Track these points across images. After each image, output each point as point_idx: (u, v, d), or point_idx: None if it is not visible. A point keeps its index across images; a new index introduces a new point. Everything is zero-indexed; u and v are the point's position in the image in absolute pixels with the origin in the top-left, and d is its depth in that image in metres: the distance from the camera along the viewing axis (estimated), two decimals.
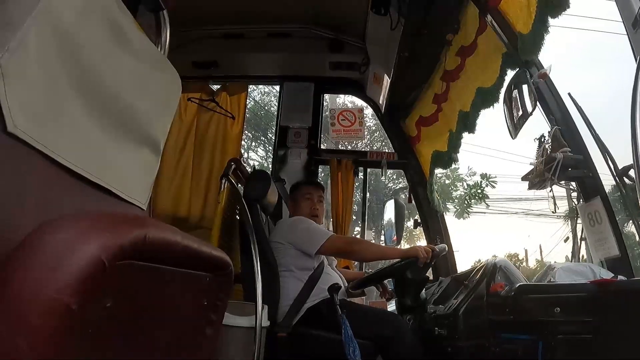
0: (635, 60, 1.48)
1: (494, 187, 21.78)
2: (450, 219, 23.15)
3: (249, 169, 4.15)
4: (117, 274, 0.91)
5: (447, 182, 23.28)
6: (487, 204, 22.46)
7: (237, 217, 4.06)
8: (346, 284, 4.12)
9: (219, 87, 6.00)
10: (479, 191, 22.13)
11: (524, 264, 34.38)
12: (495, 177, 21.66)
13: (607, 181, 3.15)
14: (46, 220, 0.91)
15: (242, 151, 21.73)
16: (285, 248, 3.83)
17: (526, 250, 34.81)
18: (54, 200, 1.13)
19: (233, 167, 4.04)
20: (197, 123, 5.74)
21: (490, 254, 38.39)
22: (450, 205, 23.46)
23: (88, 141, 1.23)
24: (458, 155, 4.85)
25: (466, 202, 22.51)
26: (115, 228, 0.94)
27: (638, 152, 1.41)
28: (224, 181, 3.92)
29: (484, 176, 22.11)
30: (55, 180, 1.13)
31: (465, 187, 23.11)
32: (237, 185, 4.04)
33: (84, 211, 1.19)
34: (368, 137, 21.91)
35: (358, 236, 9.52)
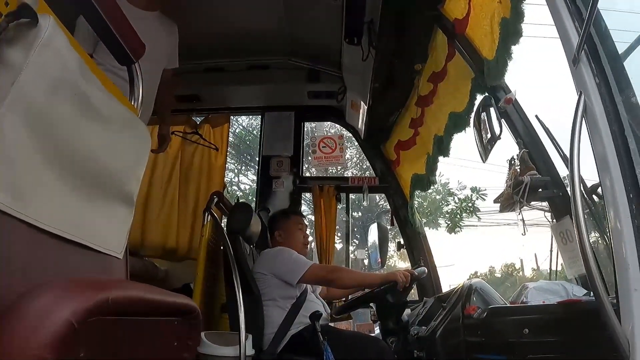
0: (577, 94, 1.59)
1: (484, 199, 21.80)
2: (442, 233, 23.25)
3: (239, 193, 4.26)
4: (87, 330, 1.05)
5: (437, 197, 23.29)
6: (478, 216, 22.43)
7: (222, 248, 4.15)
8: (328, 310, 4.22)
9: (201, 119, 6.12)
10: (470, 204, 22.21)
11: (520, 273, 34.42)
12: (486, 189, 21.69)
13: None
14: (28, 289, 1.06)
15: (233, 175, 21.85)
16: (268, 278, 3.92)
17: (521, 260, 34.86)
18: (38, 262, 1.27)
19: (216, 200, 4.13)
20: (182, 155, 5.84)
21: (487, 266, 38.36)
22: (441, 220, 23.53)
23: (65, 204, 1.35)
24: (436, 177, 4.94)
25: (458, 216, 22.55)
26: (83, 293, 1.07)
27: (575, 182, 1.51)
28: (207, 215, 4.02)
29: (474, 189, 22.20)
30: (38, 244, 1.27)
31: (456, 201, 23.11)
32: (221, 218, 4.14)
33: (65, 268, 1.34)
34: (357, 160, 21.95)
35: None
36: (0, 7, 1.20)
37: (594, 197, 2.95)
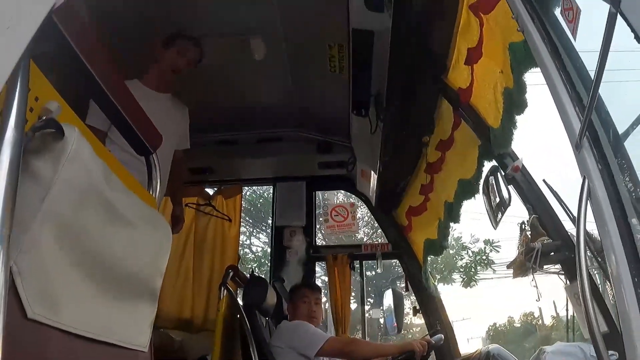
0: (581, 178, 1.64)
1: (498, 251, 21.69)
2: (458, 288, 23.02)
3: (251, 256, 4.30)
4: None
5: (451, 252, 23.14)
6: (493, 269, 22.25)
7: (238, 320, 4.17)
8: None
9: (214, 190, 6.19)
10: (484, 257, 22.07)
11: (540, 322, 33.85)
12: (499, 241, 21.59)
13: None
14: None
15: (245, 238, 21.83)
16: (286, 352, 3.94)
17: (540, 309, 34.32)
18: None
19: (231, 274, 4.18)
20: (196, 227, 5.89)
21: (505, 316, 37.72)
22: (456, 275, 23.34)
23: (94, 308, 1.42)
24: (448, 241, 4.96)
25: (472, 270, 22.38)
26: None
27: (582, 266, 1.55)
28: (222, 289, 4.05)
29: (487, 242, 22.09)
30: (71, 347, 1.33)
31: (470, 254, 22.96)
32: (236, 291, 4.17)
33: None
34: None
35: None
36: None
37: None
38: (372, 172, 5.25)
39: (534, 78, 2.99)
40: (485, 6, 3.08)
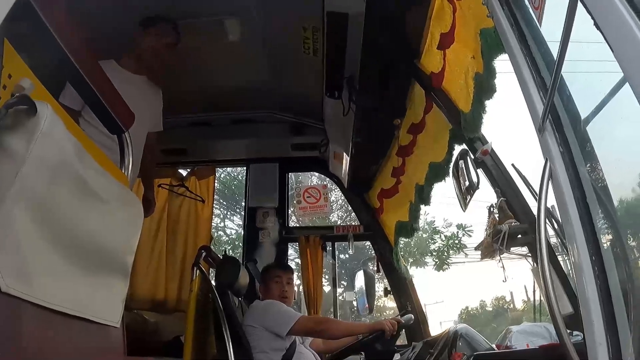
0: (543, 160, 1.69)
1: (470, 236, 21.94)
2: (430, 271, 23.27)
3: (225, 238, 4.31)
4: None
5: (424, 236, 23.34)
6: (465, 253, 22.50)
7: (211, 301, 4.19)
8: None
9: (187, 171, 6.19)
10: (456, 242, 22.31)
11: (512, 305, 34.39)
12: (471, 226, 21.83)
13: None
14: None
15: (219, 221, 21.78)
16: (258, 331, 3.98)
17: (511, 293, 34.83)
18: (45, 337, 1.35)
19: (204, 254, 4.19)
20: (169, 209, 5.88)
21: (477, 300, 38.28)
22: (429, 259, 23.57)
23: (67, 283, 1.44)
24: (422, 216, 5.03)
25: (445, 254, 22.62)
26: None
27: (542, 245, 1.60)
28: (195, 269, 4.07)
29: (460, 226, 22.34)
30: (44, 321, 1.35)
31: (443, 239, 23.18)
32: (209, 271, 4.19)
33: (70, 341, 1.44)
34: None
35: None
36: None
37: None
38: (345, 154, 5.28)
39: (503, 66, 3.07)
40: None
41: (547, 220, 1.79)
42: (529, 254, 3.47)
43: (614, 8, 1.14)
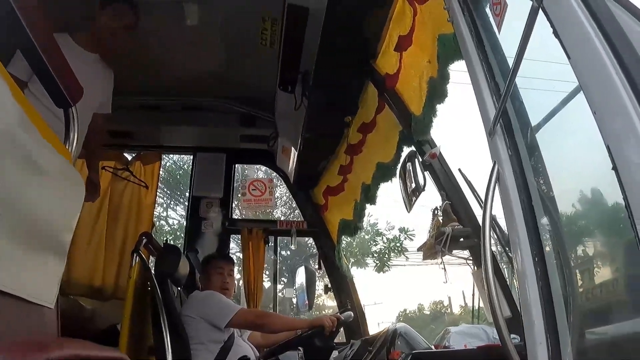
0: (492, 163, 1.72)
1: (412, 239, 22.17)
2: (371, 272, 23.48)
3: (167, 228, 4.25)
4: None
5: (366, 237, 23.50)
6: (406, 256, 22.76)
7: (150, 289, 4.12)
8: (257, 354, 4.26)
9: (133, 156, 6.07)
10: (398, 245, 22.54)
11: (449, 310, 34.97)
12: (414, 230, 22.06)
13: None
14: None
15: (162, 210, 21.50)
16: (197, 322, 3.93)
17: (449, 298, 35.42)
18: None
19: (144, 241, 4.12)
20: (111, 192, 5.75)
21: (416, 303, 38.84)
22: (370, 260, 23.75)
23: (2, 258, 1.37)
24: (365, 218, 5.06)
25: (386, 256, 22.82)
26: (25, 356, 1.11)
27: (486, 245, 1.63)
28: (135, 256, 4.00)
29: (402, 230, 22.56)
30: None
31: (385, 241, 23.38)
32: (149, 259, 4.13)
33: (1, 319, 1.37)
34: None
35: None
36: None
37: None
38: (293, 149, 5.26)
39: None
40: None
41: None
42: (470, 258, 3.54)
43: (575, 16, 1.16)
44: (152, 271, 4.01)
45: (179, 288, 4.41)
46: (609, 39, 1.09)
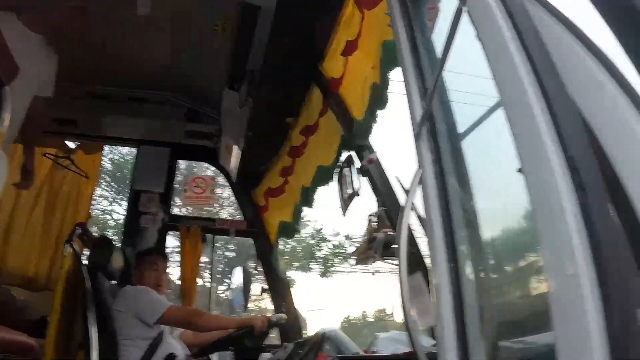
0: (417, 165, 1.73)
1: (356, 247, 22.32)
2: (315, 277, 23.58)
3: (112, 223, 4.19)
4: None
5: (311, 242, 23.58)
6: (350, 263, 22.94)
7: (81, 280, 4.05)
8: (188, 352, 4.21)
9: (76, 145, 5.95)
10: (343, 251, 22.70)
11: (391, 318, 35.25)
12: (359, 237, 22.20)
13: None
14: None
15: (107, 204, 21.15)
16: (126, 317, 3.86)
17: (392, 306, 35.70)
18: None
19: (79, 232, 4.05)
20: (51, 181, 5.64)
21: (359, 310, 39.05)
22: (314, 265, 23.83)
23: None
24: (312, 223, 5.09)
25: (330, 262, 22.95)
26: None
27: (401, 245, 1.63)
28: (67, 246, 3.92)
29: (347, 237, 22.73)
30: None
31: (330, 247, 23.50)
32: (82, 250, 4.05)
33: None
34: None
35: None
36: None
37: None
38: (236, 148, 5.23)
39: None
40: (369, 3, 3.18)
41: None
42: None
43: (494, 20, 1.17)
44: (85, 263, 3.94)
45: (115, 282, 4.33)
46: (523, 40, 1.10)
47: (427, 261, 3.44)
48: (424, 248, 3.41)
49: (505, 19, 1.16)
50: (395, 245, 3.37)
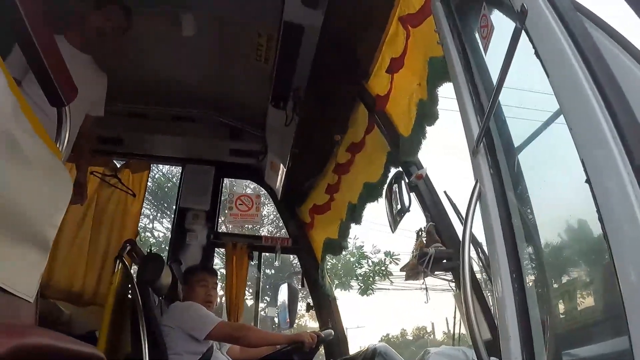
0: (474, 181, 1.75)
1: (397, 264, 22.11)
2: (355, 295, 23.41)
3: (152, 240, 4.24)
4: None
5: (351, 259, 23.46)
6: (391, 280, 22.73)
7: (130, 297, 4.11)
8: None
9: (122, 163, 6.05)
10: (383, 268, 22.51)
11: (432, 336, 34.84)
12: (399, 254, 22.03)
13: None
14: None
15: (147, 222, 21.38)
16: (176, 332, 3.91)
17: (433, 323, 35.33)
18: None
19: (128, 248, 4.12)
20: (98, 198, 5.72)
21: (399, 328, 38.73)
22: (354, 282, 23.67)
23: None
24: (351, 240, 5.09)
25: (370, 279, 22.77)
26: None
27: (465, 260, 1.65)
28: (118, 262, 3.99)
29: (387, 254, 22.53)
30: None
31: (370, 264, 23.34)
32: (131, 266, 4.12)
33: None
34: None
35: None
36: None
37: None
38: (282, 166, 5.27)
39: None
40: (414, 20, 3.20)
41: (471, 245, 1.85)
42: (453, 280, 3.56)
43: (553, 36, 1.19)
44: (134, 279, 4.01)
45: (161, 297, 4.39)
46: (585, 56, 1.12)
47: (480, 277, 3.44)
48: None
49: (565, 37, 1.18)
50: (445, 261, 3.39)
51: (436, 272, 3.49)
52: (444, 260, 3.41)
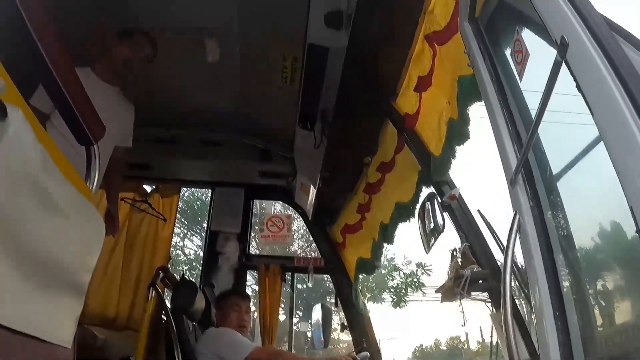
0: (513, 212, 1.71)
1: (429, 275, 22.04)
2: (387, 307, 23.32)
3: (183, 258, 4.25)
4: None
5: (383, 272, 23.38)
6: (423, 292, 22.61)
7: (164, 322, 4.11)
8: None
9: (152, 188, 6.10)
10: (415, 280, 22.40)
11: (466, 346, 34.58)
12: (431, 265, 21.94)
13: None
14: None
15: (178, 240, 21.53)
16: (210, 358, 3.91)
17: (467, 334, 35.03)
18: None
19: (161, 275, 4.13)
20: (129, 224, 5.77)
21: (432, 339, 38.50)
22: (386, 295, 23.59)
23: (16, 297, 1.35)
24: (381, 262, 5.04)
25: (403, 291, 22.67)
26: None
27: (506, 293, 1.61)
28: (151, 290, 4.00)
29: (419, 265, 22.44)
30: None
31: (402, 276, 23.25)
32: (164, 292, 4.13)
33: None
34: None
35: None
36: None
37: None
38: (312, 186, 5.26)
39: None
40: (440, 38, 3.17)
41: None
42: (489, 299, 3.49)
43: (598, 72, 1.16)
44: (168, 305, 4.01)
45: (194, 323, 4.39)
46: (632, 95, 1.09)
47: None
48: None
49: (607, 68, 1.15)
50: (481, 281, 3.33)
51: (473, 293, 3.44)
52: (480, 281, 3.37)
